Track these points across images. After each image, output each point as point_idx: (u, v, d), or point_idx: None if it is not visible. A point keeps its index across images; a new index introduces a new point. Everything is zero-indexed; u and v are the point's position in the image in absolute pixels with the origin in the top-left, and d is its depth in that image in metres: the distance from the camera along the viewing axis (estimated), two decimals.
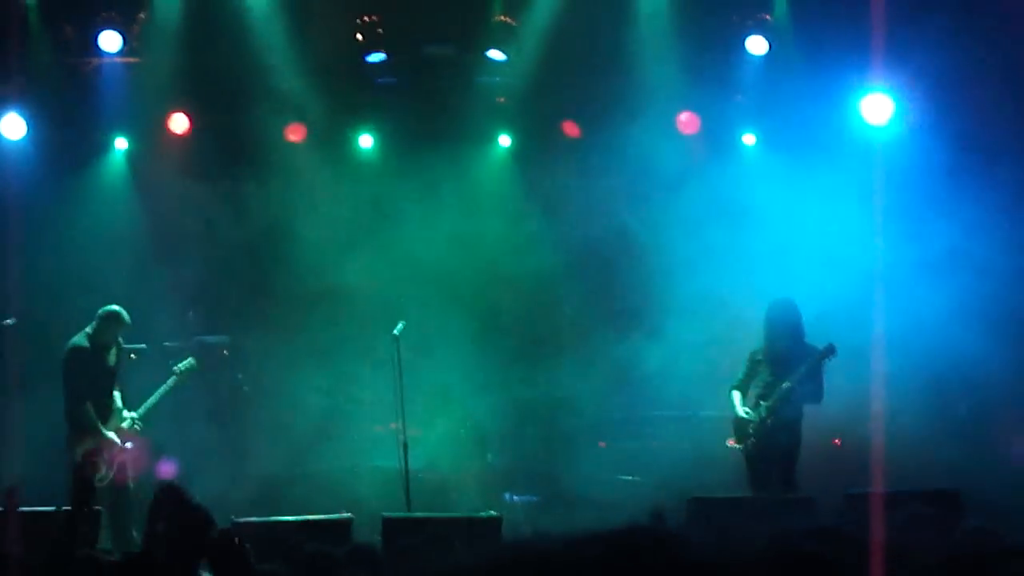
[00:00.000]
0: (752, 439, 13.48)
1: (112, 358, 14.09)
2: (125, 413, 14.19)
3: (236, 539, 7.87)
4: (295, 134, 16.91)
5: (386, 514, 12.03)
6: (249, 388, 16.30)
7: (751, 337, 14.05)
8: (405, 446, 13.40)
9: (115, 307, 13.96)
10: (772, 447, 13.36)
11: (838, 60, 16.16)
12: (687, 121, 16.89)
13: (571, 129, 17.20)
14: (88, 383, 13.89)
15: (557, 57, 16.62)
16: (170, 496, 7.59)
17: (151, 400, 14.28)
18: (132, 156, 16.98)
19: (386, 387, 14.12)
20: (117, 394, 14.32)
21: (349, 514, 12.13)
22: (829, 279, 15.51)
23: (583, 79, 17.21)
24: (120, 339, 14.09)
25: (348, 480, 15.54)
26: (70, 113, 16.44)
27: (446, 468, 15.92)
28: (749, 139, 17.24)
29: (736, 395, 13.72)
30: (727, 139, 17.20)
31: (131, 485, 13.60)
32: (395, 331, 13.65)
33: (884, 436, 15.56)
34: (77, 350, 13.88)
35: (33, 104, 16.33)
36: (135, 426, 14.11)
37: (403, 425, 13.47)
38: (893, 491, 12.89)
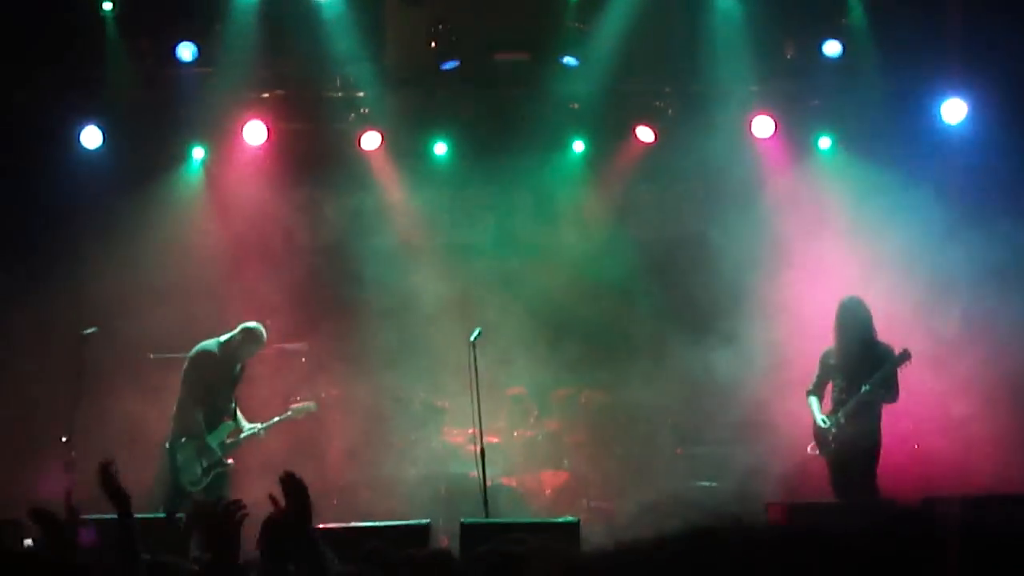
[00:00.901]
0: (832, 445, 13.44)
1: (237, 373, 14.29)
2: (247, 424, 14.38)
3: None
4: (370, 142, 16.97)
5: (464, 520, 12.06)
6: (327, 395, 16.37)
7: (825, 340, 14.01)
8: (482, 453, 13.41)
9: (256, 324, 14.20)
10: (852, 452, 13.31)
11: (914, 62, 16.07)
12: (762, 124, 16.81)
13: (645, 134, 17.15)
14: (205, 390, 14.09)
15: (630, 62, 16.60)
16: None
17: (269, 423, 14.60)
18: (209, 166, 17.11)
19: (463, 394, 14.16)
20: (236, 408, 14.52)
21: (427, 520, 12.18)
22: (904, 281, 15.43)
23: (657, 84, 17.19)
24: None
25: (426, 486, 15.58)
26: (147, 124, 16.58)
27: (523, 475, 15.95)
28: (825, 142, 17.14)
29: (814, 401, 13.70)
30: (802, 142, 17.10)
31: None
32: (471, 338, 13.67)
33: (962, 440, 15.49)
34: (204, 355, 14.17)
35: (110, 115, 16.51)
36: (260, 433, 14.37)
37: (480, 432, 13.48)
38: (972, 495, 12.84)
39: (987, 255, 15.39)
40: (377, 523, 12.23)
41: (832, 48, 16.54)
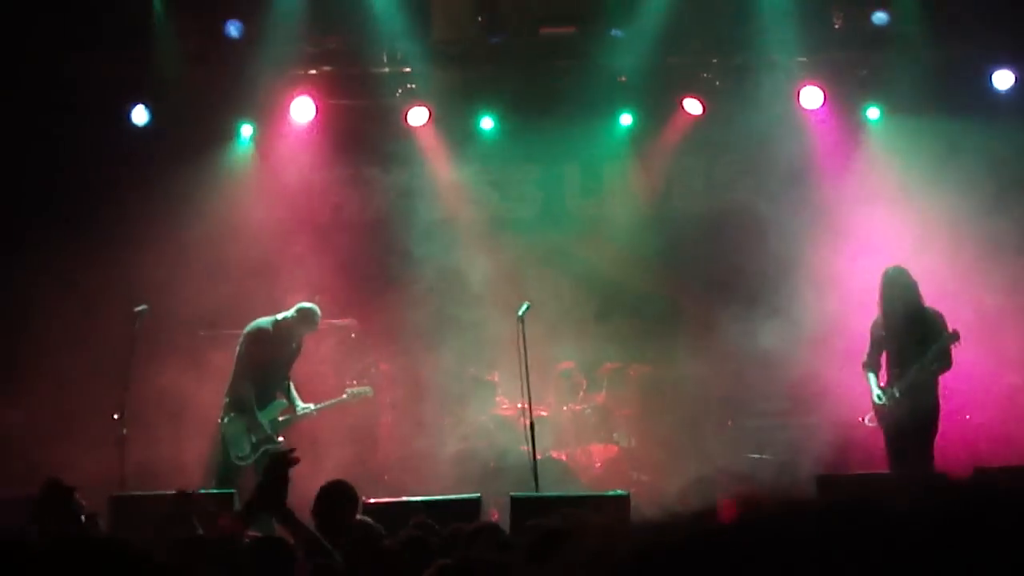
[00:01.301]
0: (890, 419, 13.43)
1: (292, 351, 14.39)
2: (300, 403, 14.50)
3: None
4: (417, 118, 17.00)
5: (513, 493, 12.09)
6: (377, 370, 16.43)
7: (873, 310, 13.97)
8: (532, 426, 13.44)
9: (311, 304, 14.34)
10: (910, 425, 13.28)
11: (962, 30, 15.97)
12: (810, 95, 16.73)
13: (692, 106, 17.10)
14: (257, 367, 14.22)
15: (677, 34, 16.55)
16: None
17: (325, 404, 14.77)
18: (257, 142, 17.18)
19: (511, 368, 14.19)
20: (291, 386, 14.63)
21: (478, 494, 12.23)
22: (952, 250, 15.36)
23: (704, 56, 17.14)
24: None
25: (476, 461, 15.63)
26: (195, 101, 16.66)
27: (572, 448, 15.98)
28: (873, 113, 17.04)
29: (870, 376, 13.68)
30: (851, 113, 17.01)
31: None
32: (519, 312, 13.69)
33: (1011, 411, 15.43)
34: (259, 332, 14.33)
35: (158, 92, 16.60)
36: (312, 412, 14.55)
37: (529, 406, 13.51)
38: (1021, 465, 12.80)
39: None
40: (427, 498, 12.27)
41: (880, 18, 16.44)
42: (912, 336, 13.35)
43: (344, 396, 15.01)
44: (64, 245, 15.41)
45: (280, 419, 14.47)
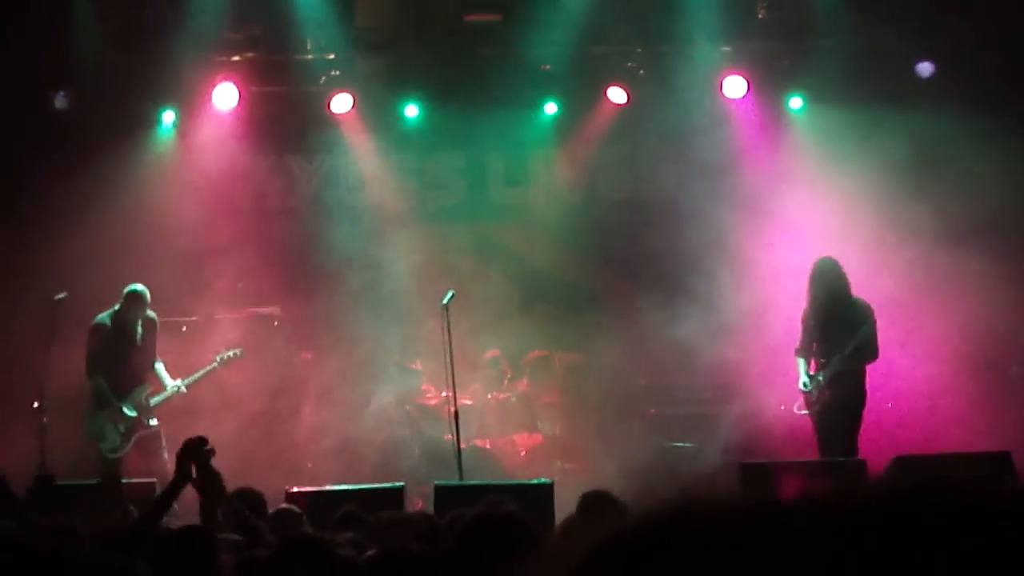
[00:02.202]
0: (817, 406, 13.59)
1: (138, 334, 14.31)
2: (170, 381, 14.44)
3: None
4: (341, 105, 16.92)
5: (438, 482, 12.09)
6: (299, 359, 16.37)
7: (798, 299, 14.10)
8: (456, 415, 13.43)
9: (136, 286, 14.30)
10: (836, 412, 13.45)
11: (884, 20, 16.10)
12: (733, 84, 16.81)
13: (617, 95, 17.13)
14: (102, 358, 14.27)
15: (602, 23, 16.58)
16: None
17: (194, 376, 14.61)
18: (180, 129, 17.03)
19: (436, 357, 14.18)
20: (159, 366, 14.54)
21: (402, 482, 12.21)
22: (872, 240, 15.49)
23: (628, 45, 17.17)
24: (150, 314, 14.35)
25: (400, 449, 15.61)
26: (116, 87, 16.49)
27: (497, 437, 15.98)
28: (796, 102, 17.15)
29: (800, 362, 13.85)
30: (774, 102, 17.11)
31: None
32: (444, 300, 13.67)
33: (935, 400, 15.59)
34: (95, 327, 14.37)
35: (79, 78, 16.42)
36: (182, 388, 14.38)
37: (454, 394, 13.50)
38: (943, 453, 12.95)
39: (953, 214, 15.45)
40: (351, 486, 12.24)
41: (804, 6, 16.56)
42: (839, 326, 13.52)
43: (214, 363, 14.90)
44: None
45: (151, 402, 14.40)
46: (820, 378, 13.62)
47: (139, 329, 14.43)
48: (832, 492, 1.54)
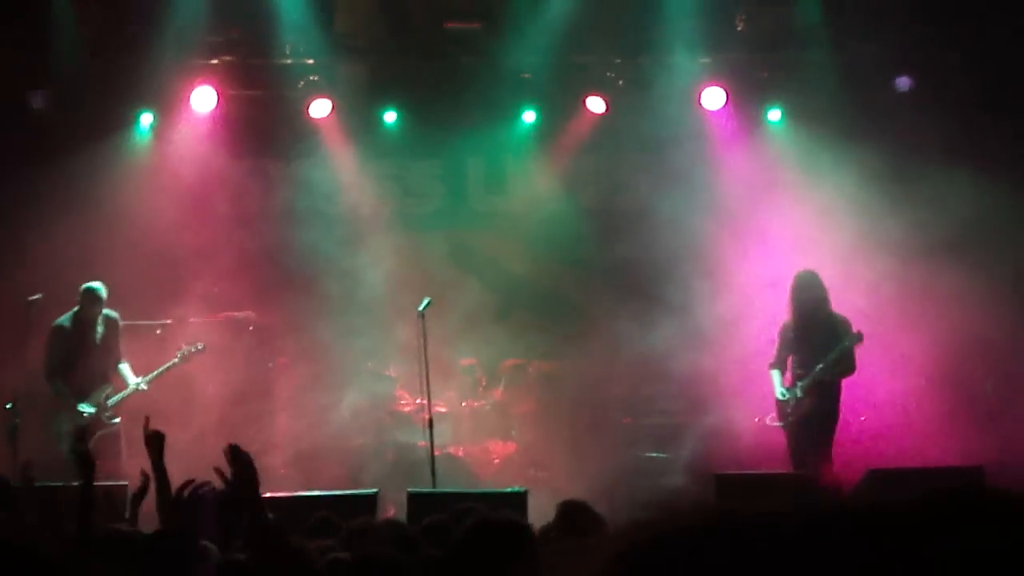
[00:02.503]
0: (791, 418, 13.63)
1: (98, 334, 14.28)
2: (132, 379, 14.40)
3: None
4: (319, 110, 16.90)
5: (411, 489, 12.06)
6: (274, 364, 16.34)
7: (773, 311, 14.16)
8: (430, 422, 13.41)
9: (91, 283, 14.27)
10: (810, 424, 13.50)
11: (864, 34, 16.17)
12: (712, 96, 16.85)
13: (596, 104, 17.15)
14: (61, 360, 14.25)
15: (582, 32, 16.60)
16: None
17: (154, 373, 14.57)
18: (157, 131, 16.99)
19: (411, 364, 14.16)
20: (124, 366, 14.49)
21: (375, 489, 12.18)
22: (852, 255, 15.52)
23: (608, 55, 17.19)
24: (110, 313, 14.32)
25: (373, 456, 15.59)
26: (94, 89, 16.45)
27: (471, 444, 15.97)
28: (775, 115, 17.19)
29: (775, 374, 13.92)
30: (752, 114, 17.15)
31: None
32: (420, 307, 13.66)
33: (907, 414, 15.63)
34: (54, 329, 14.35)
35: (57, 79, 16.37)
36: (142, 385, 14.39)
37: (428, 402, 13.49)
38: (915, 467, 13.00)
39: (927, 228, 15.49)
40: (325, 492, 12.22)
41: (783, 20, 16.61)
42: (819, 340, 13.59)
43: (175, 358, 14.79)
44: None
45: (109, 401, 14.36)
46: (797, 390, 13.67)
47: (99, 329, 14.40)
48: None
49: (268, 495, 11.29)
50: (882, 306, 15.32)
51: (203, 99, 16.65)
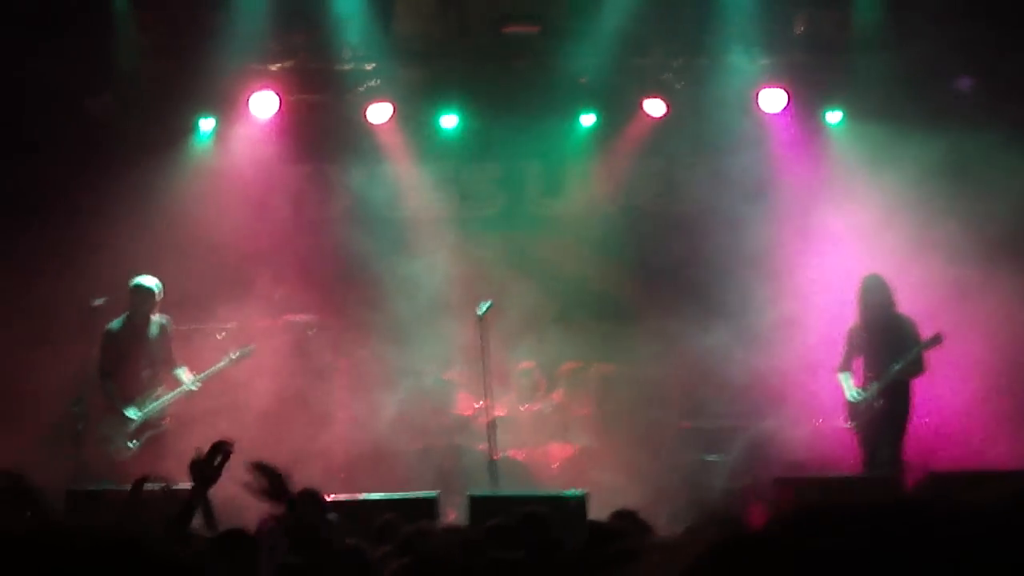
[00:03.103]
0: (863, 419, 13.69)
1: (150, 334, 14.32)
2: (186, 377, 14.47)
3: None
4: (379, 115, 16.96)
5: (472, 492, 12.09)
6: (335, 367, 16.40)
7: (832, 313, 14.14)
8: (491, 425, 13.44)
9: (138, 279, 14.32)
10: (882, 426, 13.55)
11: (924, 33, 16.05)
12: (771, 98, 16.78)
13: (654, 107, 17.12)
14: (114, 365, 14.35)
15: (640, 35, 16.59)
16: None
17: (204, 374, 14.66)
18: (218, 137, 17.08)
19: (471, 367, 14.20)
20: (180, 371, 14.56)
21: (436, 492, 12.22)
22: (912, 256, 15.43)
23: (666, 57, 17.15)
24: (162, 319, 14.49)
25: (434, 459, 15.62)
26: (156, 95, 16.58)
27: (530, 448, 15.98)
28: (834, 116, 17.11)
29: (844, 376, 13.99)
30: (812, 116, 17.07)
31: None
32: (480, 311, 13.68)
33: (968, 416, 15.52)
34: (105, 332, 14.48)
35: (119, 86, 16.50)
36: (191, 387, 14.48)
37: (489, 405, 13.51)
38: (976, 470, 12.93)
39: (988, 229, 15.41)
40: (385, 495, 12.26)
41: (842, 21, 16.54)
42: (888, 343, 13.71)
43: (224, 360, 14.80)
44: (23, 239, 15.33)
45: (158, 404, 14.42)
46: (869, 392, 13.71)
47: (151, 330, 14.47)
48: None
49: (330, 498, 11.41)
50: (941, 306, 15.21)
51: (264, 104, 16.74)
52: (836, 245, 15.83)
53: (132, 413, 14.28)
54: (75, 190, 15.95)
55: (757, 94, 16.83)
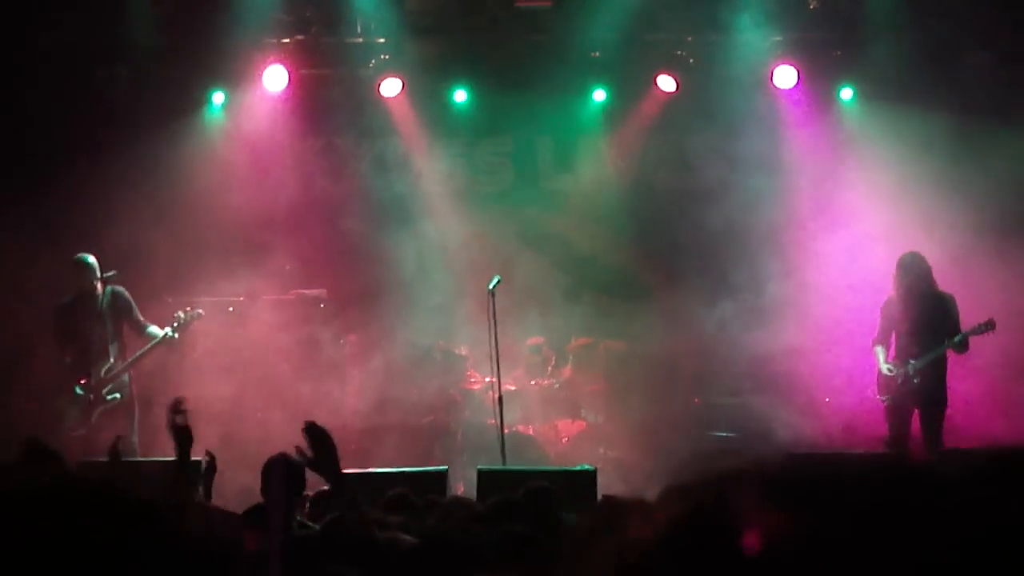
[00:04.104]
0: (897, 394, 13.70)
1: (103, 307, 14.14)
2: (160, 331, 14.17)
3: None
4: (390, 89, 16.92)
5: (480, 467, 12.09)
6: (345, 341, 16.40)
7: (843, 290, 14.12)
8: (500, 400, 13.43)
9: (81, 255, 14.12)
10: (922, 404, 13.73)
11: (939, 12, 15.98)
12: (784, 75, 16.72)
13: (666, 83, 17.07)
14: (67, 339, 14.15)
15: (652, 11, 16.52)
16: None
17: (142, 350, 14.24)
18: (229, 110, 17.07)
19: (481, 342, 14.20)
20: (153, 327, 14.20)
21: (445, 466, 12.22)
22: (925, 233, 15.36)
23: (678, 33, 17.10)
24: (115, 288, 14.23)
25: (443, 434, 15.64)
26: (167, 68, 16.53)
27: (540, 423, 15.98)
28: (847, 93, 17.05)
29: (878, 351, 13.98)
30: (824, 93, 17.01)
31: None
32: (490, 286, 13.67)
33: (981, 395, 15.47)
34: (54, 310, 14.33)
35: (131, 59, 16.46)
36: (173, 334, 14.13)
37: (498, 380, 13.50)
38: (986, 447, 12.90)
39: (1000, 207, 15.37)
40: (395, 469, 12.26)
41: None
42: (929, 319, 13.70)
43: (166, 331, 14.19)
44: (34, 211, 15.32)
45: (105, 376, 14.10)
46: (909, 367, 13.70)
47: (101, 302, 14.18)
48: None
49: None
50: (956, 283, 15.15)
51: (274, 78, 16.71)
52: (847, 222, 15.79)
53: (78, 389, 14.08)
54: (85, 162, 15.92)
55: (770, 71, 16.77)
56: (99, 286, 14.23)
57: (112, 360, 14.18)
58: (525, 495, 8.31)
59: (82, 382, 14.03)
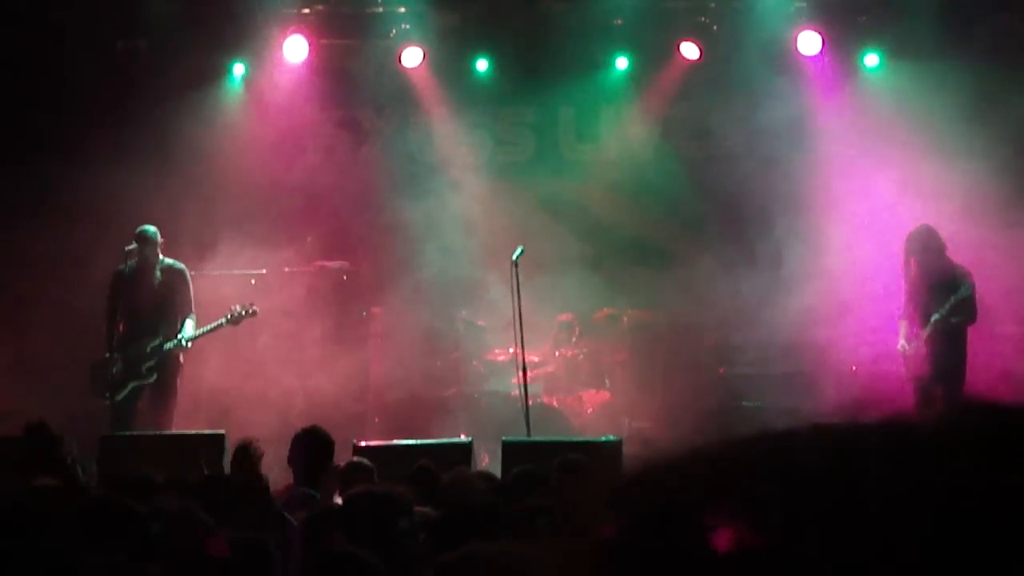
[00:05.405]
0: (913, 367, 13.72)
1: (155, 280, 14.10)
2: (187, 330, 14.18)
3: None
4: (411, 59, 16.84)
5: (506, 438, 12.06)
6: (367, 313, 16.37)
7: (867, 261, 14.05)
8: (524, 371, 13.39)
9: (144, 226, 14.04)
10: (936, 375, 13.60)
11: None
12: (808, 41, 16.59)
13: (689, 50, 16.95)
14: (117, 309, 14.09)
15: None
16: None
17: (200, 332, 14.23)
18: (249, 81, 17.01)
19: (504, 313, 14.15)
20: (190, 321, 14.20)
21: (470, 438, 12.20)
22: (943, 205, 15.22)
23: (702, 0, 16.99)
24: (173, 263, 14.23)
25: (468, 405, 15.61)
26: (187, 39, 16.46)
27: (564, 394, 15.94)
28: (872, 59, 16.91)
29: (902, 325, 14.01)
30: (849, 59, 16.88)
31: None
32: (513, 256, 13.61)
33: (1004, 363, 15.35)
34: (112, 276, 14.21)
35: (150, 29, 16.40)
36: (183, 344, 14.12)
37: (522, 350, 13.46)
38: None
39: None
40: (419, 441, 12.25)
41: None
42: (940, 289, 13.66)
43: (222, 320, 14.22)
44: (54, 182, 15.31)
45: (149, 352, 14.09)
46: (921, 336, 13.66)
47: (157, 275, 14.16)
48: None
49: (363, 443, 11.40)
50: (982, 246, 15.04)
51: (295, 48, 16.64)
52: (872, 189, 15.67)
53: (117, 356, 13.96)
54: (107, 134, 15.88)
55: (795, 37, 16.64)
56: (157, 260, 14.19)
57: (159, 338, 14.11)
58: (560, 467, 8.29)
59: (116, 352, 13.98)
